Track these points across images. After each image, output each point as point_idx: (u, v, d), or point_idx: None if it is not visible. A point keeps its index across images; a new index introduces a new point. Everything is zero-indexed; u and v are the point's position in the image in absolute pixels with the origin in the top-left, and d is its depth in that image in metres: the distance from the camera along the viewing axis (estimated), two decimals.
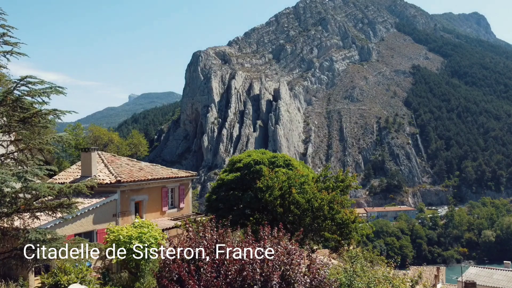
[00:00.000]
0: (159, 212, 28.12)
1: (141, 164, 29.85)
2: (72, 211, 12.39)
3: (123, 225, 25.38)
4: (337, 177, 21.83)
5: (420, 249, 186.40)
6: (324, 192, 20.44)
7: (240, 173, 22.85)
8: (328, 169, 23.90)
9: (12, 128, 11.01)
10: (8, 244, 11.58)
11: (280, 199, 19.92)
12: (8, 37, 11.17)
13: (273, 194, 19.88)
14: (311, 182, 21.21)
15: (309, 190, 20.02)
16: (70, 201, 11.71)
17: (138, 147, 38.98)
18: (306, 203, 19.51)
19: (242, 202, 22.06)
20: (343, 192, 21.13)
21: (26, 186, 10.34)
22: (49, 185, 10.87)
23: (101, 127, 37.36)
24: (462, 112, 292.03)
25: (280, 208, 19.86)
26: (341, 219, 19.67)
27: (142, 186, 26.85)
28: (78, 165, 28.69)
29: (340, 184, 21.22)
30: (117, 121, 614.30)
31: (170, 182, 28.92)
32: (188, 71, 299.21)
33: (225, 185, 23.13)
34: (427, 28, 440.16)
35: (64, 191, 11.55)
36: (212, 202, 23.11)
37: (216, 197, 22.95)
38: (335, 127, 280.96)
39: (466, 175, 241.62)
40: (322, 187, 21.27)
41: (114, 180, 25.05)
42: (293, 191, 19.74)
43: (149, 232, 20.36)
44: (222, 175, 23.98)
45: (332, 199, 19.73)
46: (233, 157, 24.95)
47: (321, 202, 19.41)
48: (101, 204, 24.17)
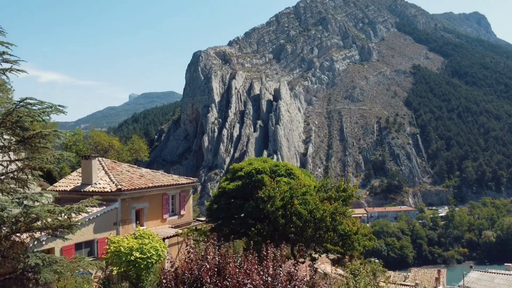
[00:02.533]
0: (160, 220, 28.01)
1: (142, 170, 29.73)
2: (73, 231, 12.28)
3: (124, 233, 25.33)
4: (339, 186, 21.72)
5: (421, 249, 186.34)
6: (326, 203, 20.33)
7: (241, 182, 22.72)
8: (329, 178, 23.75)
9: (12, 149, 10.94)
10: (8, 264, 11.48)
11: (282, 209, 19.81)
12: (8, 55, 11.12)
13: (274, 204, 19.75)
14: (313, 192, 21.08)
15: (311, 201, 19.90)
16: (70, 221, 11.61)
17: (139, 152, 38.96)
18: (308, 214, 19.39)
19: (243, 211, 21.94)
20: (345, 203, 21.01)
21: (26, 212, 10.25)
22: (49, 208, 10.77)
23: (101, 132, 37.24)
24: (462, 112, 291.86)
25: (282, 219, 19.74)
26: (343, 230, 19.56)
27: (143, 194, 26.73)
28: (78, 172, 28.59)
29: (342, 194, 21.11)
30: (118, 120, 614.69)
31: (171, 189, 28.82)
32: (188, 71, 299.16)
33: (226, 193, 23.00)
34: (428, 28, 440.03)
35: (65, 213, 11.45)
36: (213, 211, 22.97)
37: (217, 206, 22.81)
38: (335, 127, 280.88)
39: (466, 175, 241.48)
40: (324, 197, 21.15)
41: (114, 189, 24.93)
42: (295, 202, 19.61)
43: (150, 243, 20.30)
44: (223, 183, 23.84)
45: (335, 210, 19.61)
46: (234, 165, 24.83)
47: (323, 213, 19.30)
48: (102, 213, 24.07)
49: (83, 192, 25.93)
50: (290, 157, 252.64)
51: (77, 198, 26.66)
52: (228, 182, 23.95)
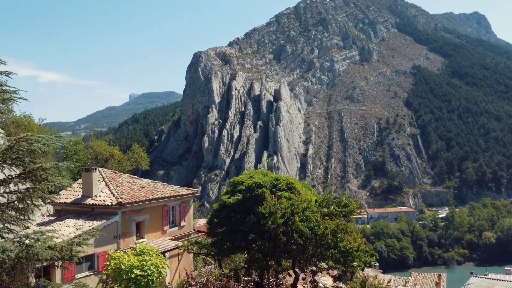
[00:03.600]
0: (160, 232, 27.95)
1: (142, 181, 29.66)
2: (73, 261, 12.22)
3: (125, 246, 25.31)
4: (340, 201, 21.67)
5: (421, 250, 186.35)
6: (327, 219, 20.29)
7: (242, 196, 22.67)
8: (330, 193, 23.70)
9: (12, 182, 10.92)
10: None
11: (283, 226, 19.76)
12: (7, 86, 11.13)
13: (275, 221, 19.69)
14: (314, 207, 21.03)
15: (313, 218, 19.86)
16: (71, 253, 11.54)
17: (139, 161, 38.93)
18: (310, 232, 19.35)
19: (244, 226, 21.90)
20: (347, 218, 20.97)
21: (27, 252, 10.21)
22: (50, 245, 10.73)
23: (101, 142, 37.21)
24: (462, 113, 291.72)
25: (283, 237, 19.68)
26: (345, 247, 19.52)
27: (143, 206, 26.68)
28: (79, 183, 28.54)
29: (343, 210, 21.07)
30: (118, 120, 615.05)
31: (171, 201, 28.77)
32: (188, 71, 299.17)
33: (227, 207, 22.97)
34: (428, 28, 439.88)
35: (66, 249, 11.38)
36: (214, 225, 22.92)
37: (218, 220, 22.77)
38: (335, 128, 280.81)
39: (466, 176, 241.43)
40: (325, 213, 21.11)
41: (115, 202, 24.89)
42: (296, 219, 19.57)
43: (150, 259, 20.25)
44: (224, 197, 23.78)
45: (336, 228, 19.57)
46: (235, 178, 24.78)
47: (325, 231, 19.26)
48: (102, 227, 24.01)
49: (84, 204, 25.90)
50: (290, 158, 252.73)
51: (78, 211, 26.76)
52: (228, 195, 23.90)
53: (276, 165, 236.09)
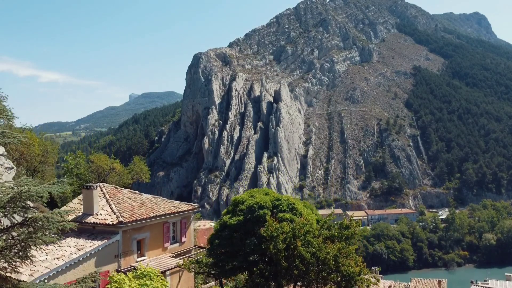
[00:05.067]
0: (161, 249, 27.90)
1: (143, 197, 29.60)
2: None
3: (125, 265, 25.29)
4: (342, 223, 21.63)
5: (421, 252, 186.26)
6: (329, 243, 20.25)
7: (243, 217, 22.62)
8: (332, 214, 23.65)
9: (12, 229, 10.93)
10: None
11: (285, 251, 19.71)
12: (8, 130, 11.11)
13: (277, 246, 19.64)
14: (316, 231, 20.98)
15: (315, 242, 19.82)
16: None
17: (140, 175, 38.91)
18: (311, 257, 19.31)
19: (245, 248, 21.85)
20: (349, 241, 20.92)
21: None
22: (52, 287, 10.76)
23: (102, 155, 37.15)
24: (463, 114, 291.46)
25: (284, 262, 19.63)
26: (347, 272, 19.46)
27: (144, 224, 26.63)
28: (79, 199, 28.50)
29: (345, 232, 21.02)
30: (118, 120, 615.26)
31: (172, 217, 28.72)
32: (188, 72, 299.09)
33: (228, 228, 22.92)
34: (428, 29, 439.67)
35: None
36: (215, 246, 22.87)
37: (219, 241, 22.72)
38: (335, 129, 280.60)
39: (467, 177, 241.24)
40: (327, 235, 21.06)
41: (116, 221, 24.83)
42: (298, 244, 19.52)
43: (152, 284, 20.18)
44: (225, 217, 23.71)
45: (338, 252, 19.52)
46: (236, 197, 24.72)
47: (327, 256, 19.22)
48: (103, 247, 23.98)
49: (85, 223, 25.84)
50: (291, 159, 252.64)
51: (79, 228, 26.64)
52: (229, 215, 23.85)
53: (276, 166, 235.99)
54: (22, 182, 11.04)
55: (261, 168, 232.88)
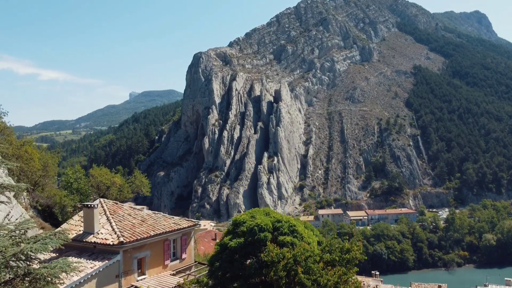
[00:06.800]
0: (161, 266, 27.96)
1: (143, 213, 29.65)
2: None
3: (126, 285, 25.39)
4: (343, 247, 21.72)
5: (421, 252, 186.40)
6: (330, 269, 20.34)
7: (243, 240, 22.73)
8: (333, 237, 23.74)
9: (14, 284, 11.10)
10: None
11: (285, 278, 19.83)
12: None
13: (277, 273, 19.76)
14: (317, 256, 21.06)
15: (316, 269, 19.93)
16: None
17: (141, 188, 39.05)
18: (312, 285, 19.42)
19: (246, 271, 21.98)
20: (349, 266, 20.99)
21: None
22: None
23: (103, 169, 37.23)
24: (463, 113, 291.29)
25: None
26: None
27: (145, 242, 26.71)
28: (80, 216, 28.55)
29: (346, 256, 21.12)
30: (118, 119, 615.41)
31: (173, 235, 28.79)
32: (189, 72, 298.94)
33: (228, 250, 23.05)
34: (429, 28, 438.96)
35: None
36: (215, 269, 22.99)
37: (219, 264, 22.84)
38: (336, 129, 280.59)
39: (467, 177, 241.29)
40: (328, 260, 21.16)
41: (116, 241, 24.88)
42: (298, 271, 19.63)
43: None
44: (225, 239, 23.81)
45: (338, 279, 19.63)
46: (236, 217, 24.84)
47: (328, 283, 19.34)
48: (104, 268, 24.07)
49: (85, 242, 25.93)
50: (291, 159, 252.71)
51: (80, 247, 26.80)
52: (230, 236, 23.94)
53: (277, 166, 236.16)
54: (23, 226, 11.13)
55: (261, 168, 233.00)
